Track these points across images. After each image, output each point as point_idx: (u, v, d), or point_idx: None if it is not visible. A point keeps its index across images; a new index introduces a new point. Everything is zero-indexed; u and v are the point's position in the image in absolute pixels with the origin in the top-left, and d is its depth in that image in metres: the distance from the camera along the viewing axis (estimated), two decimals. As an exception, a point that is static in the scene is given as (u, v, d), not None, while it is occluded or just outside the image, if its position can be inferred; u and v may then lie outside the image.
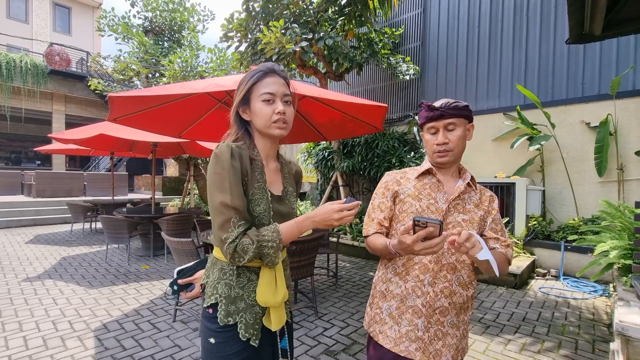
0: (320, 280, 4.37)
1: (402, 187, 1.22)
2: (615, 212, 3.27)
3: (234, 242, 0.93)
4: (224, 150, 0.98)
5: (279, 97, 1.05)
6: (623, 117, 4.71)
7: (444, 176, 1.20)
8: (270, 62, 1.17)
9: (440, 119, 1.13)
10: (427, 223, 0.87)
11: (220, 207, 0.95)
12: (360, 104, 3.10)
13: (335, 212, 0.96)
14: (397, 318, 1.16)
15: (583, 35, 2.67)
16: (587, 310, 3.46)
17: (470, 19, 6.24)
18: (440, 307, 1.13)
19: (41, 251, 5.73)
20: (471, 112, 1.16)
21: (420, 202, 1.17)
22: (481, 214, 1.18)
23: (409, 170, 1.29)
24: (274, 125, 1.04)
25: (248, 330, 1.01)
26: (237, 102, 1.07)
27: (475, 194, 1.21)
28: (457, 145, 1.14)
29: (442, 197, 1.16)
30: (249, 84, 1.05)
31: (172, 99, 2.99)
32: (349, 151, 6.99)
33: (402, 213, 1.19)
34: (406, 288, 1.15)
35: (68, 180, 10.95)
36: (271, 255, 0.97)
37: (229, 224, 0.94)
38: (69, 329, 2.87)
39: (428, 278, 1.13)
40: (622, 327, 2.05)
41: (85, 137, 5.28)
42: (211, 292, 1.04)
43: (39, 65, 12.73)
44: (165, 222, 4.95)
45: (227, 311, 1.01)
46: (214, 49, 7.17)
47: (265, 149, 1.11)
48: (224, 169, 0.96)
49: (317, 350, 2.61)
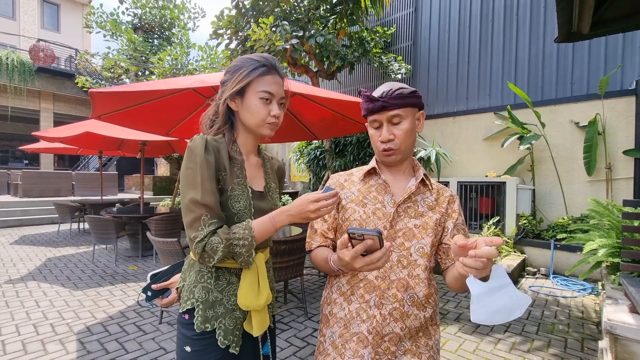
0: (311, 280, 4.33)
1: (345, 191, 1.06)
2: (604, 211, 3.29)
3: (202, 242, 0.87)
4: (197, 143, 0.92)
5: (277, 99, 1.00)
6: (611, 117, 4.75)
7: (394, 175, 1.04)
8: (267, 54, 1.06)
9: (382, 111, 0.95)
10: (363, 235, 0.74)
11: (190, 204, 0.89)
12: (350, 102, 3.08)
13: (310, 202, 0.88)
14: (340, 348, 0.97)
15: (571, 34, 2.68)
16: (577, 308, 3.48)
17: (461, 18, 6.26)
18: (390, 333, 0.93)
19: (26, 252, 5.59)
20: (420, 98, 0.98)
21: (364, 208, 1.00)
22: (437, 218, 0.99)
23: (355, 170, 1.11)
24: (266, 126, 0.99)
25: (227, 337, 0.94)
26: (231, 92, 0.98)
27: (430, 194, 1.03)
28: (404, 140, 0.96)
29: (390, 200, 0.99)
30: (251, 76, 0.97)
31: (157, 95, 2.92)
32: (341, 150, 6.97)
33: (345, 222, 1.02)
34: (350, 311, 0.97)
35: (56, 179, 10.74)
36: (243, 254, 0.90)
37: (198, 222, 0.88)
38: (50, 332, 2.79)
39: (374, 298, 0.94)
40: (610, 325, 2.05)
41: (72, 135, 5.16)
42: (187, 296, 0.97)
43: (26, 62, 12.47)
44: (154, 222, 4.86)
45: (205, 317, 0.94)
46: (204, 46, 7.08)
47: (248, 144, 1.06)
48: (196, 163, 0.90)
49: (305, 351, 2.57)
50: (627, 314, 2.13)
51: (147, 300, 1.10)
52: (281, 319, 3.15)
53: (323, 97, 2.92)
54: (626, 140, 4.64)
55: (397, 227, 0.97)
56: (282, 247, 2.86)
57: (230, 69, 1.02)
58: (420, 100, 0.99)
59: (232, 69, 1.01)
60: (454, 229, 1.01)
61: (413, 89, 0.97)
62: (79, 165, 16.62)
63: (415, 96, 0.96)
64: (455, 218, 1.02)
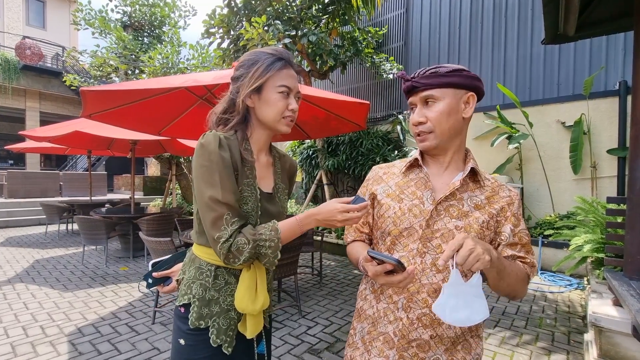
0: (305, 279, 4.35)
1: (383, 185, 0.98)
2: (589, 208, 3.38)
3: (227, 242, 0.85)
4: (210, 140, 0.89)
5: (294, 93, 0.98)
6: (595, 117, 4.89)
7: (438, 168, 0.93)
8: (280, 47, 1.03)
9: (415, 93, 0.88)
10: (383, 260, 0.73)
11: (211, 202, 0.86)
12: (343, 101, 3.10)
13: (339, 212, 0.86)
14: (368, 344, 0.94)
15: (558, 36, 2.76)
16: (563, 303, 3.58)
17: (451, 20, 6.34)
18: (417, 339, 0.86)
19: (12, 254, 5.47)
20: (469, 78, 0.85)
21: (400, 204, 0.92)
22: (484, 220, 0.86)
23: (398, 162, 1.03)
24: (283, 121, 0.97)
25: (220, 336, 0.94)
26: (251, 88, 0.94)
27: (481, 192, 0.90)
28: (438, 123, 0.85)
29: (430, 196, 0.89)
30: (271, 71, 0.94)
31: (149, 94, 2.90)
32: (334, 150, 7.00)
33: (379, 218, 0.96)
34: (378, 310, 0.93)
35: (43, 180, 10.51)
36: (269, 255, 0.90)
37: (221, 221, 0.86)
38: (40, 334, 2.74)
39: (402, 301, 0.88)
40: (595, 318, 2.12)
41: (60, 135, 5.07)
42: (185, 290, 0.98)
43: (10, 60, 12.16)
44: (145, 222, 4.81)
45: (200, 314, 0.94)
46: (195, 45, 7.02)
47: (260, 142, 1.03)
48: (212, 161, 0.88)
49: (300, 349, 2.59)
50: (611, 306, 2.20)
51: (148, 287, 1.13)
52: (275, 317, 3.16)
53: (316, 96, 2.94)
54: (610, 139, 4.78)
55: (434, 227, 0.87)
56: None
57: (244, 63, 0.98)
58: (469, 80, 0.85)
59: (247, 64, 0.97)
60: (514, 237, 0.88)
61: (457, 67, 0.85)
62: (66, 165, 16.29)
63: (459, 75, 0.84)
64: (515, 223, 0.88)
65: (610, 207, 2.78)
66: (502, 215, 0.88)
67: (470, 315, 0.71)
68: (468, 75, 0.85)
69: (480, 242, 0.70)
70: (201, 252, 0.99)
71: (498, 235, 0.89)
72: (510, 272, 0.80)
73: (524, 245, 0.89)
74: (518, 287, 0.84)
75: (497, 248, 0.89)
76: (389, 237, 0.92)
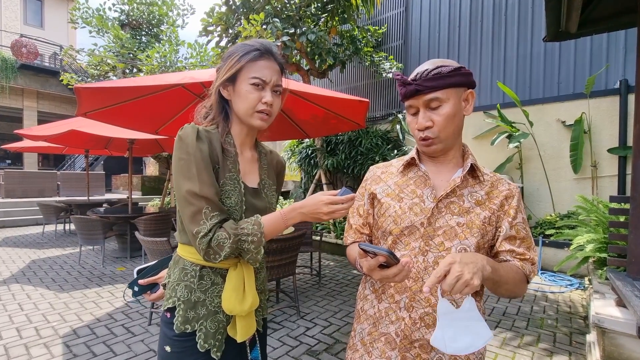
0: (303, 279, 4.31)
1: (382, 185, 0.97)
2: (591, 207, 3.36)
3: (207, 236, 0.82)
4: (188, 132, 0.87)
5: (270, 85, 0.93)
6: (596, 116, 4.86)
7: (437, 166, 0.93)
8: (265, 39, 0.99)
9: (417, 96, 0.84)
10: (374, 252, 0.72)
11: (188, 196, 0.83)
12: (341, 99, 3.07)
13: (324, 204, 0.83)
14: (369, 346, 0.92)
15: (560, 33, 2.72)
16: (564, 303, 3.55)
17: (451, 18, 6.31)
18: (420, 339, 0.85)
19: (8, 254, 5.42)
20: (468, 75, 0.84)
21: (400, 203, 0.91)
22: (486, 216, 0.86)
23: (395, 161, 1.02)
24: (256, 115, 0.92)
25: (208, 341, 0.89)
26: (222, 79, 0.92)
27: (481, 187, 0.89)
28: (444, 127, 0.84)
29: (430, 194, 0.88)
30: (242, 61, 0.91)
31: (145, 92, 2.86)
32: (333, 149, 6.96)
33: (380, 218, 0.94)
34: (379, 310, 0.91)
35: (40, 179, 10.46)
36: (252, 251, 0.85)
37: (200, 215, 0.83)
38: (34, 336, 2.70)
39: (404, 300, 0.86)
40: (598, 319, 2.09)
41: (56, 134, 5.02)
42: (170, 294, 0.93)
43: (8, 59, 12.09)
44: (142, 222, 4.76)
45: (185, 317, 0.89)
46: (194, 44, 6.97)
47: (241, 136, 0.99)
48: (189, 153, 0.85)
49: (299, 350, 2.55)
50: (614, 307, 2.17)
51: (134, 296, 1.06)
52: (273, 318, 3.12)
53: (315, 94, 2.90)
54: (610, 138, 4.75)
55: (436, 224, 0.86)
56: (274, 246, 2.83)
57: (225, 54, 0.97)
58: (468, 77, 0.84)
59: (226, 55, 0.96)
60: (511, 230, 0.86)
61: (457, 65, 0.83)
62: (64, 165, 16.21)
63: (460, 74, 0.82)
64: (513, 216, 0.87)
65: (613, 206, 2.75)
66: (502, 209, 0.88)
67: (472, 342, 0.68)
68: (466, 72, 0.84)
69: (470, 264, 0.66)
70: (185, 252, 0.95)
71: (498, 229, 0.88)
72: (508, 279, 0.78)
73: (523, 239, 0.87)
74: (517, 289, 0.83)
75: (497, 243, 0.89)
76: (391, 237, 0.91)
